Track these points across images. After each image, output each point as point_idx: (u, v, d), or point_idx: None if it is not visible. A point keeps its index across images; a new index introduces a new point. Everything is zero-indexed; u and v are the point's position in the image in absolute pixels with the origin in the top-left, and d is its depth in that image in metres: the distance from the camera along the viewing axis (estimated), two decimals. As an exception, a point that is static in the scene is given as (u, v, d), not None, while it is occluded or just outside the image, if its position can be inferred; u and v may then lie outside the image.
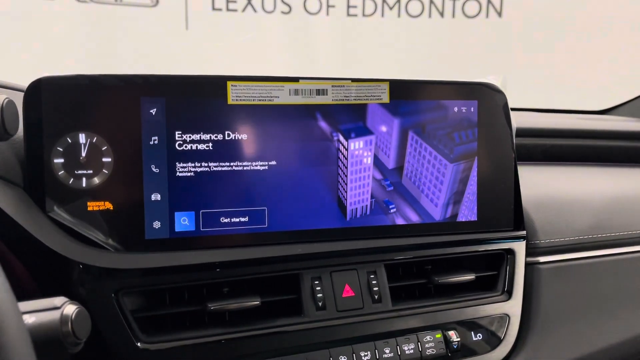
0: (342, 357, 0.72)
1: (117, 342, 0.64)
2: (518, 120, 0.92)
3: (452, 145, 0.82)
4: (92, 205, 0.68)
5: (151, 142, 0.69)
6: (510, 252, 0.85)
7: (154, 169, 0.69)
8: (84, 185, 0.67)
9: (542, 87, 2.24)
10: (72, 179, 0.67)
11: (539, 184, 1.01)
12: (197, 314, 0.71)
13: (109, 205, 0.68)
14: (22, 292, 0.65)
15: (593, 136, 1.23)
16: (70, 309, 0.49)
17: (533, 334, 0.83)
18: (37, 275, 0.65)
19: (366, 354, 0.73)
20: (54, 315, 0.49)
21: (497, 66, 2.36)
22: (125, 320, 0.65)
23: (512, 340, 0.82)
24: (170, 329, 0.69)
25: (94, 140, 0.68)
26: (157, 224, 0.70)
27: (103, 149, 0.68)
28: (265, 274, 0.73)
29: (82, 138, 0.67)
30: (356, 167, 0.78)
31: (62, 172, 0.67)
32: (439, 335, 0.78)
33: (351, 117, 0.77)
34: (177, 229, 0.71)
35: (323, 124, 0.76)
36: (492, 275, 0.86)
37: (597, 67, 2.33)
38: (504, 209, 0.86)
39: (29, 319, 0.48)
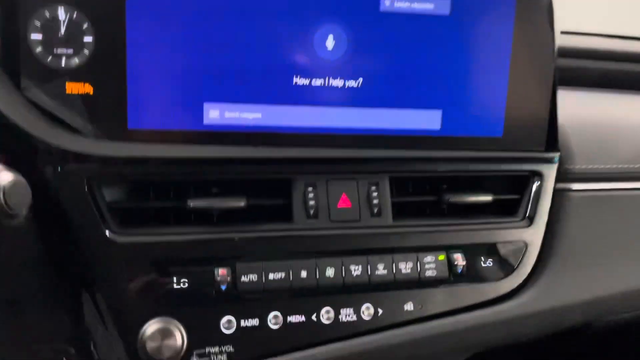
0: (330, 269, 0.67)
1: (87, 232, 0.61)
2: (569, 41, 0.79)
3: (483, 43, 0.71)
4: (71, 87, 0.63)
5: (136, 23, 0.63)
6: (538, 175, 0.76)
7: (138, 52, 0.64)
8: (62, 64, 0.63)
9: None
10: (50, 57, 0.62)
11: (583, 107, 0.89)
12: (181, 214, 0.67)
13: (89, 89, 0.63)
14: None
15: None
16: (5, 177, 0.45)
17: (551, 268, 0.75)
18: (6, 153, 0.62)
19: (357, 267, 0.67)
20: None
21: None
22: (98, 210, 0.62)
23: (527, 271, 0.74)
24: (148, 225, 0.66)
25: (74, 17, 0.62)
26: (140, 113, 0.65)
27: (84, 26, 0.62)
28: (255, 176, 0.67)
29: (61, 13, 0.62)
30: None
31: (40, 49, 0.62)
32: (442, 257, 0.71)
33: None
34: (163, 119, 0.65)
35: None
36: (513, 199, 0.77)
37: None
38: (536, 125, 0.75)
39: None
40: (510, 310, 0.72)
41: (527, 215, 0.75)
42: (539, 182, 0.76)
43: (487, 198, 0.74)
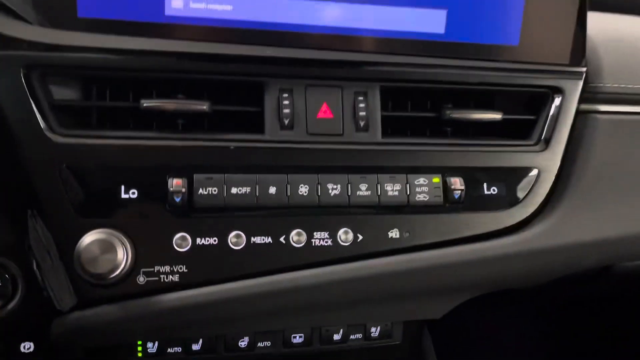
0: (303, 186, 0.58)
1: (24, 128, 0.54)
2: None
3: None
4: (11, -34, 0.55)
5: None
6: (558, 92, 0.65)
7: None
8: (1, -62, 0.54)
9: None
10: None
11: (623, 28, 0.76)
12: (142, 120, 0.59)
13: (31, -32, 0.55)
14: None
15: None
16: None
17: (566, 200, 0.64)
18: None
19: (335, 187, 0.58)
20: None
21: None
22: (38, 104, 0.54)
23: (538, 202, 0.64)
24: (97, 127, 0.58)
25: None
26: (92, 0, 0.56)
27: None
28: (222, 77, 0.58)
29: None
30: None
31: None
32: (436, 180, 0.61)
33: None
34: (119, 8, 0.56)
35: None
36: (527, 120, 0.66)
37: None
38: (559, 35, 0.64)
39: None
40: (515, 245, 0.62)
41: (542, 138, 0.65)
42: (560, 100, 0.64)
43: (496, 116, 0.64)
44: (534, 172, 0.64)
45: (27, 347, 0.72)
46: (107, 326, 0.55)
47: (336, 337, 0.68)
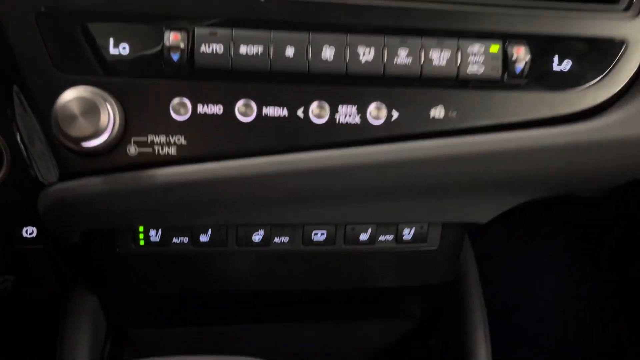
0: (328, 48, 0.46)
1: (33, 72, 0.45)
2: None
3: None
4: None
5: None
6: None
7: None
8: None
9: None
10: None
11: None
12: None
13: None
14: None
15: None
16: None
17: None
18: None
19: (368, 51, 0.47)
20: None
21: None
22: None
23: (623, 81, 0.51)
24: None
25: None
26: None
27: None
28: None
29: None
30: None
31: None
32: (495, 48, 0.49)
33: None
34: None
35: None
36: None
37: None
38: None
39: None
40: (588, 133, 0.50)
41: (635, 1, 0.51)
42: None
43: (578, -29, 0.51)
44: (621, 43, 0.51)
45: (29, 231, 0.68)
46: (94, 201, 0.48)
47: (363, 236, 0.60)
